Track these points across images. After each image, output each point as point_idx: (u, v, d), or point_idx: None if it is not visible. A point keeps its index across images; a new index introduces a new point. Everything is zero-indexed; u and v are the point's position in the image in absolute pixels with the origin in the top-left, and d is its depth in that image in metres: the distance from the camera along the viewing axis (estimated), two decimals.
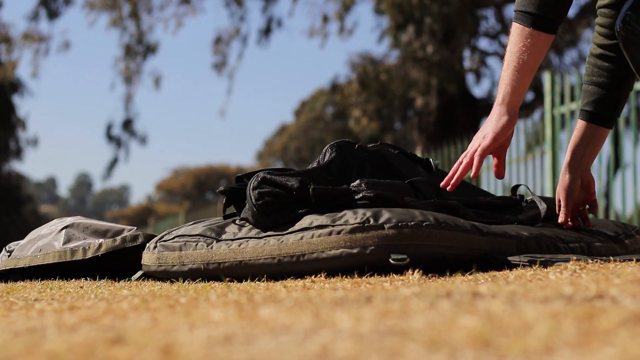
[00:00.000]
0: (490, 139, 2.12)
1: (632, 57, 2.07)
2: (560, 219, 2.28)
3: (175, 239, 2.17)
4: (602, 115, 2.26)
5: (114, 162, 17.39)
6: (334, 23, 14.21)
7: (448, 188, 2.16)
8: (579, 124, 2.29)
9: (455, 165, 2.15)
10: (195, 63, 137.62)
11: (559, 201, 2.31)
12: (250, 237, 2.04)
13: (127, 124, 17.08)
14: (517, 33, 2.11)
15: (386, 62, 13.90)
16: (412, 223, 1.90)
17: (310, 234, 1.95)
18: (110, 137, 17.20)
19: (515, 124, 2.14)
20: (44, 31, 20.78)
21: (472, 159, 2.13)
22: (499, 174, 2.21)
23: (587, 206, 2.37)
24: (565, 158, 2.30)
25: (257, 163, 40.87)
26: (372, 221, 1.90)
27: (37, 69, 15.93)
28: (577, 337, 0.77)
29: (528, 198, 2.48)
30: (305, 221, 1.98)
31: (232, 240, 2.06)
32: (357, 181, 2.10)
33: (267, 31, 15.01)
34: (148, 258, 2.21)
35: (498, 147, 2.18)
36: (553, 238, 2.13)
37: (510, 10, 11.37)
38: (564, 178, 2.28)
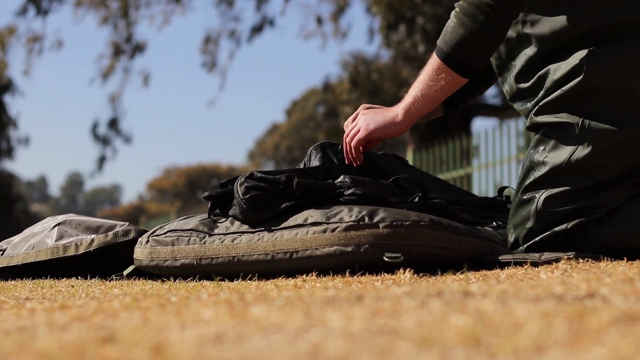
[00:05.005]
0: (369, 131, 2.18)
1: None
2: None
3: (168, 234, 2.17)
4: (451, 99, 2.34)
5: (102, 161, 17.33)
6: (327, 24, 14.23)
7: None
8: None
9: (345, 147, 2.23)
10: (186, 61, 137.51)
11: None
12: (244, 232, 2.04)
13: (113, 123, 17.02)
14: (434, 65, 2.10)
15: (378, 62, 13.91)
16: (407, 223, 1.90)
17: (305, 230, 1.95)
18: (96, 136, 17.16)
19: (403, 132, 2.16)
20: (38, 30, 20.69)
21: (349, 148, 2.22)
22: (356, 161, 2.23)
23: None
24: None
25: (249, 162, 40.87)
26: (366, 219, 1.90)
27: (30, 68, 15.88)
28: (568, 336, 0.77)
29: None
30: (300, 217, 1.98)
31: (225, 234, 2.06)
32: (342, 177, 2.11)
33: (259, 29, 14.98)
34: (140, 252, 2.21)
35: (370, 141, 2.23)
36: None
37: None
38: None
